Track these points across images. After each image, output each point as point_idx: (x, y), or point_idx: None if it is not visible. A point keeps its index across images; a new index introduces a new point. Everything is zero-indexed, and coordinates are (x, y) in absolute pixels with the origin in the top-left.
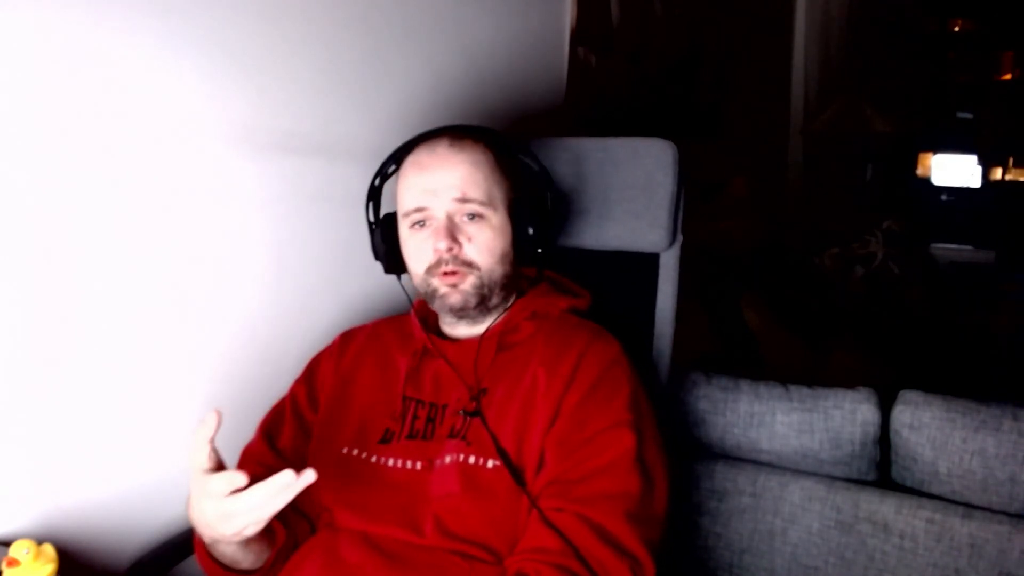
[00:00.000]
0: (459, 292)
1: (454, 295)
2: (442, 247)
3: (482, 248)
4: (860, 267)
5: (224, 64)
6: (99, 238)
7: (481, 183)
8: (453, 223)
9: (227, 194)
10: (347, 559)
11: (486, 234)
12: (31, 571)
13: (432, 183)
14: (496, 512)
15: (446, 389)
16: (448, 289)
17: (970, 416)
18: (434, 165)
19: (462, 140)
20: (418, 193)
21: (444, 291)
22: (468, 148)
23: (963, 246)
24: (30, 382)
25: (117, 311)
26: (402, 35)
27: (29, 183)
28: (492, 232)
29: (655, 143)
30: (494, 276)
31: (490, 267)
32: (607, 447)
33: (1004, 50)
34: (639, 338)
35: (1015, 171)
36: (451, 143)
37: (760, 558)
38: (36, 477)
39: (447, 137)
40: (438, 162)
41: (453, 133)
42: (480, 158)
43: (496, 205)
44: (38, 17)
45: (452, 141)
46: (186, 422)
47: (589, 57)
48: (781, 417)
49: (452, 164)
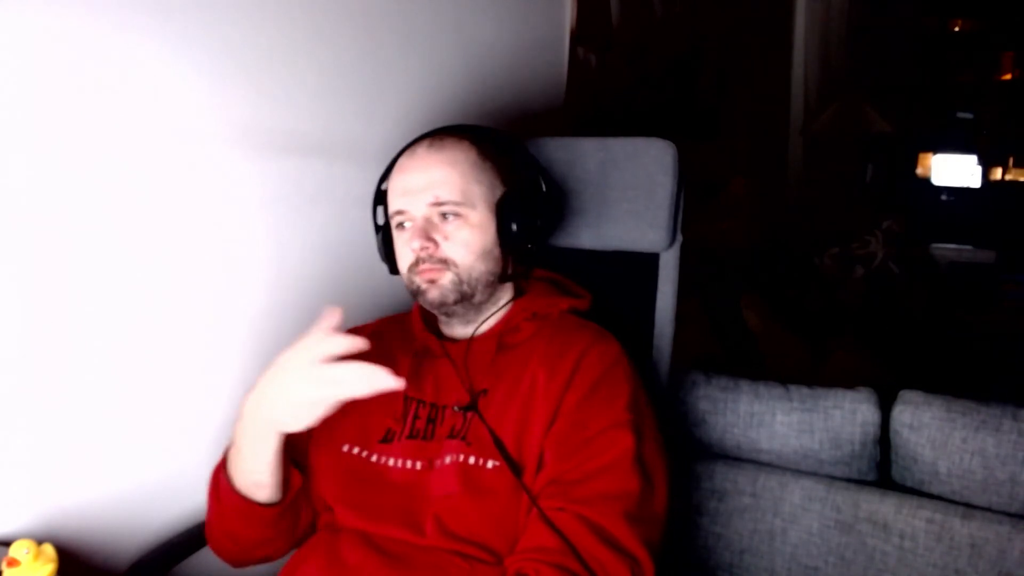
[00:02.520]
0: (437, 288)
1: (432, 291)
2: (416, 246)
3: (459, 246)
4: (860, 267)
5: (224, 64)
6: (99, 238)
7: (456, 182)
8: (430, 223)
9: (227, 194)
10: (347, 559)
11: (464, 232)
12: (31, 571)
13: (409, 185)
14: (496, 512)
15: (447, 389)
16: (427, 285)
17: (970, 416)
18: (411, 168)
19: (442, 140)
20: (398, 196)
21: (424, 287)
22: (448, 148)
23: (963, 246)
24: (30, 382)
25: (117, 311)
26: (402, 35)
27: (29, 183)
28: (471, 229)
29: (655, 143)
30: (474, 273)
31: (469, 264)
32: (607, 447)
33: (1004, 50)
34: (639, 338)
35: (1015, 171)
36: (430, 144)
37: (760, 558)
38: (36, 477)
39: (428, 139)
40: (415, 164)
41: (434, 134)
42: (459, 157)
43: (475, 203)
44: (38, 17)
45: (431, 142)
46: (186, 422)
47: (589, 57)
48: (781, 417)
49: (427, 166)
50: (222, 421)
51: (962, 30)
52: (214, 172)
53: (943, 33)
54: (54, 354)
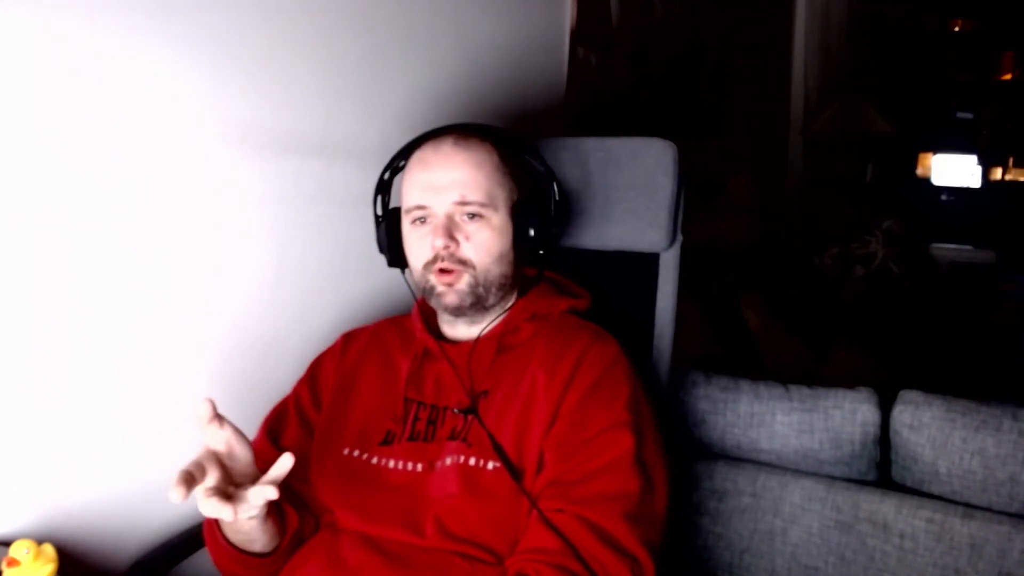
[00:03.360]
0: (455, 292)
1: (449, 294)
2: (439, 244)
3: (479, 247)
4: (860, 267)
5: (224, 64)
6: (99, 238)
7: (482, 183)
8: (452, 221)
9: (227, 194)
10: (348, 560)
11: (485, 234)
12: (31, 571)
13: (434, 181)
14: (496, 513)
15: (447, 391)
16: (444, 288)
17: (970, 416)
18: (437, 163)
19: (468, 139)
20: (420, 190)
21: (440, 290)
22: (473, 147)
23: (963, 246)
24: (30, 382)
25: (117, 311)
26: (402, 35)
27: (29, 183)
28: (491, 232)
29: (655, 143)
30: (490, 276)
31: (486, 266)
32: (607, 448)
33: (1004, 50)
34: (639, 338)
35: (1015, 171)
36: (456, 141)
37: (760, 558)
38: (36, 477)
39: (453, 135)
40: (441, 160)
41: (460, 131)
42: (484, 158)
43: (497, 205)
44: (38, 17)
45: (457, 139)
46: (186, 422)
47: (589, 57)
48: (781, 417)
49: (455, 163)
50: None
51: (962, 30)
52: (214, 172)
53: (943, 33)
54: (54, 354)
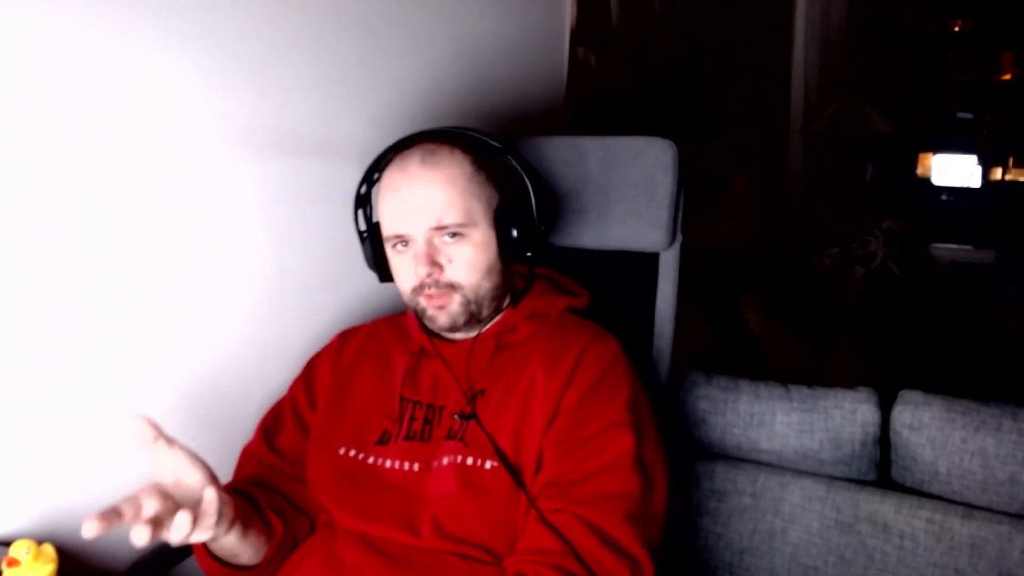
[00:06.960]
0: (446, 313)
1: (441, 316)
2: (423, 272)
3: (464, 267)
4: (860, 267)
5: (224, 64)
6: (99, 238)
7: (457, 201)
8: (432, 246)
9: (227, 194)
10: (346, 560)
11: (468, 252)
12: (31, 571)
13: (406, 209)
14: (495, 513)
15: (444, 390)
16: (435, 311)
17: (970, 416)
18: (406, 188)
19: (436, 153)
20: (394, 219)
21: (431, 313)
22: (443, 163)
23: (963, 246)
24: (30, 382)
25: (117, 311)
26: (402, 35)
27: (28, 183)
28: (474, 249)
29: (655, 143)
30: (481, 292)
31: (475, 284)
32: (606, 447)
33: (1004, 50)
34: (639, 338)
35: (1015, 171)
36: (423, 160)
37: (760, 558)
38: (36, 477)
39: (420, 152)
40: (410, 184)
41: (427, 144)
42: (455, 173)
43: (476, 220)
44: (38, 17)
45: (424, 157)
46: (186, 422)
47: (589, 57)
48: (781, 417)
49: (424, 185)
50: (223, 421)
51: (962, 30)
52: (214, 172)
53: (943, 33)
54: (54, 354)
